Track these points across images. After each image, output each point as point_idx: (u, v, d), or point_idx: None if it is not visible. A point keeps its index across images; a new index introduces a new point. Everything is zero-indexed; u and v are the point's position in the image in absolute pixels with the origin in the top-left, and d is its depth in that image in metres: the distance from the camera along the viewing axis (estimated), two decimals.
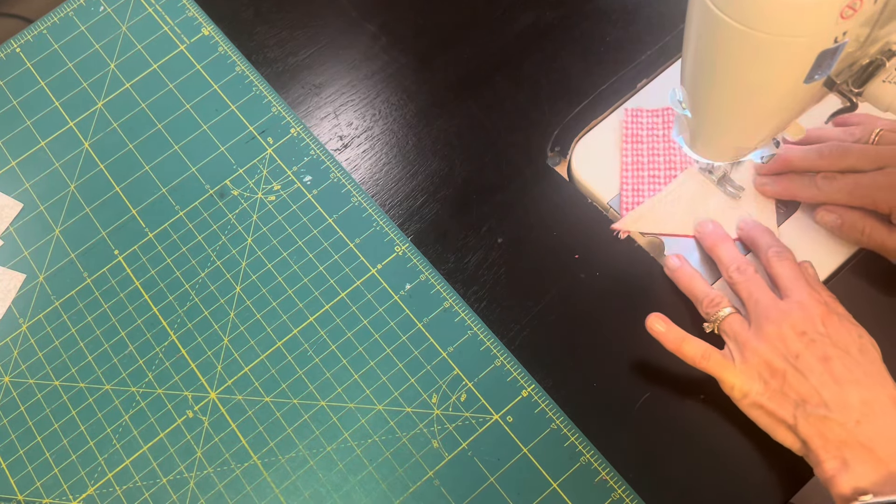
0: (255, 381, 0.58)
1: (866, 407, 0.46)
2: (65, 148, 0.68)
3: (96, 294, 0.62)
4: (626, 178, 0.61)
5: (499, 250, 0.60)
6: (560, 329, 0.58)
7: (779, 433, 0.49)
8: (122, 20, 0.72)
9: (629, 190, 0.61)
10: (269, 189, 0.64)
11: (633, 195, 0.60)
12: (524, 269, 0.60)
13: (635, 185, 0.61)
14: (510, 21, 0.68)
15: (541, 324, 0.58)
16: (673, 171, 0.61)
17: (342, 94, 0.68)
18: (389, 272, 0.60)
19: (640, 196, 0.60)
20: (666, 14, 0.67)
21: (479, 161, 0.64)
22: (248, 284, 0.61)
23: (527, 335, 0.58)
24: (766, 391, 0.49)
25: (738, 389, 0.50)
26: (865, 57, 0.44)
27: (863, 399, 0.46)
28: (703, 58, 0.45)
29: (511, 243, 0.61)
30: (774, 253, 0.54)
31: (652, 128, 0.62)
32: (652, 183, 0.61)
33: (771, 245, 0.54)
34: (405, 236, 0.62)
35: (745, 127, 0.50)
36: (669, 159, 0.61)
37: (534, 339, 0.58)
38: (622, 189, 0.61)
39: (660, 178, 0.61)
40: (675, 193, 0.60)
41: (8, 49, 0.72)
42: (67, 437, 0.58)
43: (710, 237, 0.57)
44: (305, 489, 0.55)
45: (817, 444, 0.46)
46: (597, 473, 0.53)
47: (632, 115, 0.63)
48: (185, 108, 0.68)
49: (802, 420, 0.47)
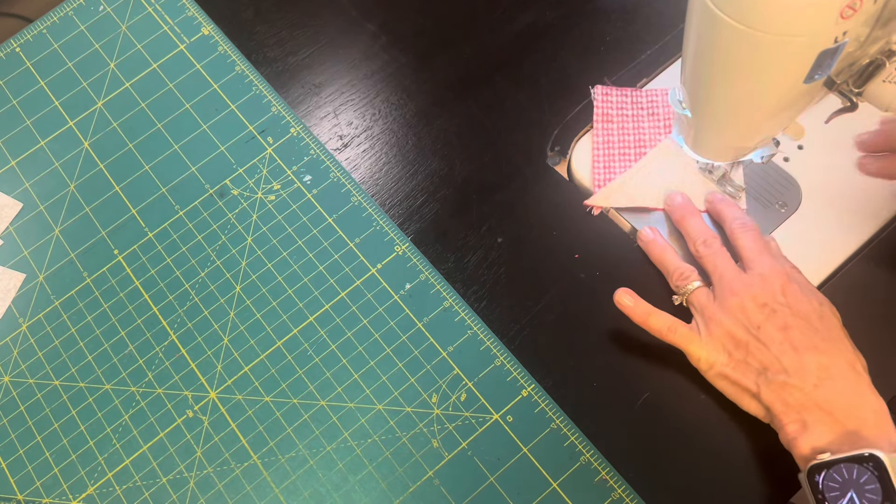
0: (255, 380, 0.58)
1: (823, 371, 0.48)
2: (64, 147, 0.68)
3: (96, 294, 0.62)
4: (597, 156, 0.62)
5: (499, 250, 0.60)
6: (560, 329, 0.58)
7: (744, 402, 0.51)
8: (122, 20, 0.72)
9: (601, 168, 0.62)
10: (269, 189, 0.64)
11: (604, 172, 0.62)
12: (524, 269, 0.60)
13: (606, 163, 0.62)
14: (510, 20, 0.68)
15: (541, 323, 0.58)
16: (643, 148, 0.62)
17: (342, 93, 0.68)
18: (389, 272, 0.60)
19: (611, 173, 0.61)
20: (665, 14, 0.67)
21: (478, 161, 0.64)
22: (247, 284, 0.61)
23: (527, 335, 0.58)
24: (731, 362, 0.51)
25: (704, 361, 0.52)
26: (865, 57, 0.44)
27: (820, 364, 0.48)
28: (702, 57, 0.45)
29: (511, 243, 0.61)
30: (739, 225, 0.55)
31: (621, 107, 0.63)
32: (623, 159, 0.62)
33: (736, 217, 0.55)
34: (405, 236, 0.62)
35: (745, 127, 0.50)
36: (639, 137, 0.62)
37: (534, 339, 0.58)
38: (594, 167, 0.62)
39: (630, 155, 0.62)
40: (645, 169, 0.61)
41: (8, 48, 0.72)
42: (67, 436, 0.58)
43: (678, 210, 0.58)
44: (305, 489, 0.55)
45: (779, 408, 0.48)
46: (597, 473, 0.53)
47: (602, 94, 0.64)
48: (185, 107, 0.68)
49: (765, 387, 0.49)
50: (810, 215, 0.59)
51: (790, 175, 0.60)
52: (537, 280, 0.59)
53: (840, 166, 0.60)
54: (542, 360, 0.57)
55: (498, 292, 0.59)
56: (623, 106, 0.63)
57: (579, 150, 0.63)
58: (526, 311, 0.58)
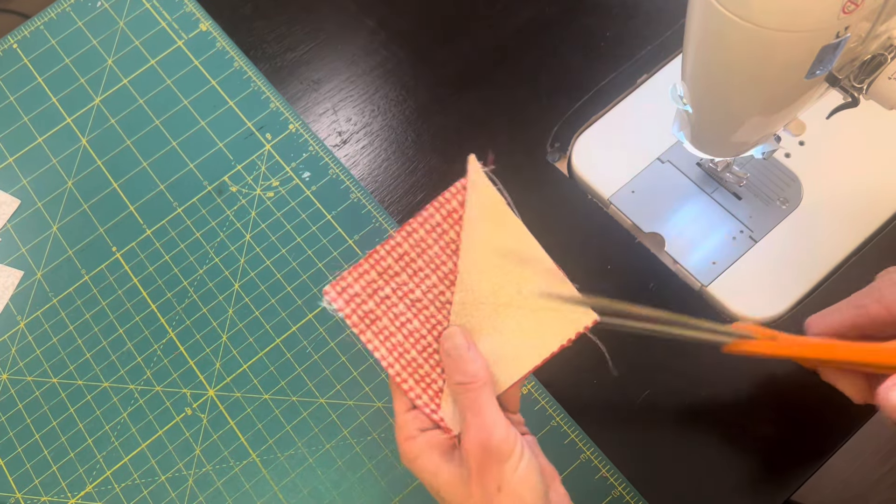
0: (254, 378, 0.58)
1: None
2: (62, 144, 0.67)
3: (94, 291, 0.62)
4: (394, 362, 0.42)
5: None
6: None
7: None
8: (120, 16, 0.71)
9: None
10: (268, 185, 0.64)
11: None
12: None
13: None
14: (510, 16, 0.68)
15: None
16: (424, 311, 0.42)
17: (341, 89, 0.67)
18: None
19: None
20: (666, 9, 0.67)
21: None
22: (246, 281, 0.61)
23: None
24: None
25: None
26: (867, 52, 0.44)
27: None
28: (703, 53, 0.45)
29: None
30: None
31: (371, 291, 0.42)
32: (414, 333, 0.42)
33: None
34: None
35: (746, 123, 0.49)
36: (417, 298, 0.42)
37: None
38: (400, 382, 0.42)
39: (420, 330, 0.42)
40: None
41: (5, 45, 0.71)
42: (65, 434, 0.58)
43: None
44: (304, 487, 0.55)
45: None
46: (597, 471, 0.53)
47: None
48: (183, 104, 0.67)
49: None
50: (812, 211, 0.58)
51: (791, 171, 0.60)
52: None
53: (842, 162, 0.60)
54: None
55: None
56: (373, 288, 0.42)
57: (579, 146, 0.63)
58: None
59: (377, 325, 0.42)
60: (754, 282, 0.57)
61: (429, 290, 0.42)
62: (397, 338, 0.42)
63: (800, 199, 0.59)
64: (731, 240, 0.59)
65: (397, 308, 0.42)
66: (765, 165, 0.60)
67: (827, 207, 0.58)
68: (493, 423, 0.38)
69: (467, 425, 0.38)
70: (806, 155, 0.60)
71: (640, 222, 0.60)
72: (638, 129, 0.63)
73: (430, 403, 0.41)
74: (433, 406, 0.41)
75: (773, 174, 0.60)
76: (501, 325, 0.42)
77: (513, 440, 0.38)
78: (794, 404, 0.54)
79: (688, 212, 0.61)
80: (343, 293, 0.42)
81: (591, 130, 0.63)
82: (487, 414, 0.38)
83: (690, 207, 0.61)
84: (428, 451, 0.40)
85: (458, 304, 0.42)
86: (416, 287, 0.42)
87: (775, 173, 0.60)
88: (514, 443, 0.38)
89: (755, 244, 0.58)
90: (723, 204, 0.60)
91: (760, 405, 0.54)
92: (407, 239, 0.42)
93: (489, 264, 0.42)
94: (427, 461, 0.39)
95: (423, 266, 0.42)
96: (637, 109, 0.64)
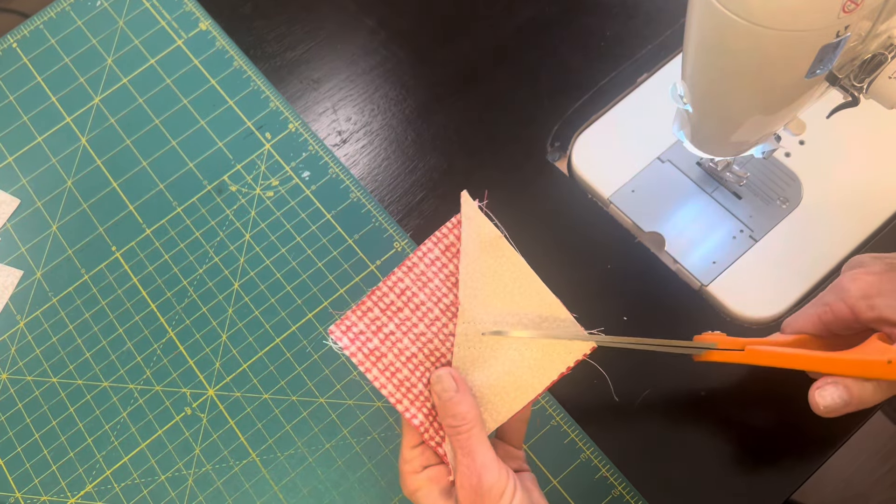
0: (254, 377, 0.58)
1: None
2: (62, 143, 0.67)
3: (94, 290, 0.62)
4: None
5: None
6: None
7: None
8: (120, 15, 0.71)
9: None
10: (268, 185, 0.64)
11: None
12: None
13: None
14: (510, 15, 0.68)
15: None
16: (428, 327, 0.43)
17: (341, 88, 0.67)
18: (389, 268, 0.60)
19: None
20: (666, 9, 0.67)
21: (478, 156, 0.63)
22: (246, 280, 0.61)
23: None
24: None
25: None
26: (867, 52, 0.44)
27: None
28: (704, 53, 0.45)
29: (510, 239, 0.60)
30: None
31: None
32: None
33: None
34: (404, 232, 0.61)
35: (747, 122, 0.49)
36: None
37: None
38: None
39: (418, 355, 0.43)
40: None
41: (4, 44, 0.71)
42: (65, 434, 0.58)
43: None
44: (304, 486, 0.55)
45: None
46: (597, 470, 0.53)
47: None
48: (183, 103, 0.67)
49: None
50: (812, 211, 0.58)
51: (791, 171, 0.60)
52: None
53: (842, 161, 0.59)
54: None
55: None
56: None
57: (579, 145, 0.63)
58: None
59: (383, 362, 0.43)
60: (754, 281, 0.57)
61: (432, 324, 0.43)
62: (403, 373, 0.43)
63: (800, 199, 0.59)
64: (731, 239, 0.59)
65: (402, 343, 0.43)
66: (765, 165, 0.60)
67: (827, 207, 0.58)
68: (482, 465, 0.39)
69: (459, 466, 0.40)
70: (806, 154, 0.60)
71: (640, 222, 0.60)
72: (638, 128, 0.63)
73: (435, 437, 0.42)
74: (438, 439, 0.42)
75: (774, 173, 0.60)
76: (503, 354, 0.43)
77: (504, 481, 0.39)
78: (795, 404, 0.54)
79: (688, 211, 0.61)
80: (348, 332, 0.43)
81: (591, 130, 0.63)
82: (478, 455, 0.40)
83: (690, 207, 0.61)
84: (428, 485, 0.41)
85: (460, 336, 0.43)
86: (419, 321, 0.43)
87: (775, 173, 0.60)
88: (506, 483, 0.39)
89: (755, 243, 0.58)
90: (723, 203, 0.60)
91: (760, 405, 0.54)
92: (408, 274, 0.43)
93: (489, 295, 0.43)
94: (426, 496, 0.41)
95: (425, 300, 0.43)
96: (637, 109, 0.64)
